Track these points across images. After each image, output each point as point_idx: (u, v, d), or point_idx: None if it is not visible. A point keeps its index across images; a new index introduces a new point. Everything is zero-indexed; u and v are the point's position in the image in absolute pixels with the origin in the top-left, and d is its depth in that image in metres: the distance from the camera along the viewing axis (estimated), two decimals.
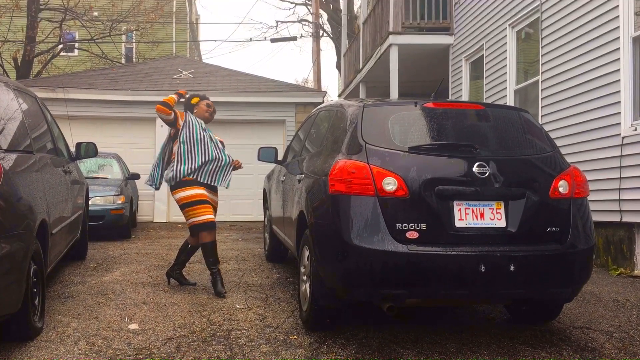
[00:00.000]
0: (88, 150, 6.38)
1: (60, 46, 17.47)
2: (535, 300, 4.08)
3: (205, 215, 5.08)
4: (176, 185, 5.11)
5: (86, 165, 10.13)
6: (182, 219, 13.19)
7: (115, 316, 4.41)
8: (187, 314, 4.48)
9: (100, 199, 9.17)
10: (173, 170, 5.13)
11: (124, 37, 21.06)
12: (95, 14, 17.82)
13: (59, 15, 16.26)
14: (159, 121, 13.21)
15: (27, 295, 3.63)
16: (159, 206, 13.17)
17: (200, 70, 15.65)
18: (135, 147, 13.15)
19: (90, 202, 7.98)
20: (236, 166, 5.42)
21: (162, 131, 13.21)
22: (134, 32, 19.31)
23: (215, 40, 36.97)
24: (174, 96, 5.35)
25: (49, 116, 5.76)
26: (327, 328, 4.05)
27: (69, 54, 20.46)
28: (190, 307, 4.71)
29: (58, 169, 5.21)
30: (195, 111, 5.43)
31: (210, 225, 5.13)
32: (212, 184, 5.22)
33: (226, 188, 5.36)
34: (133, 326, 4.15)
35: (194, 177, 5.11)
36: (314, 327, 4.05)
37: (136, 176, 10.87)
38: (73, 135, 9.71)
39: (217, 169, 5.22)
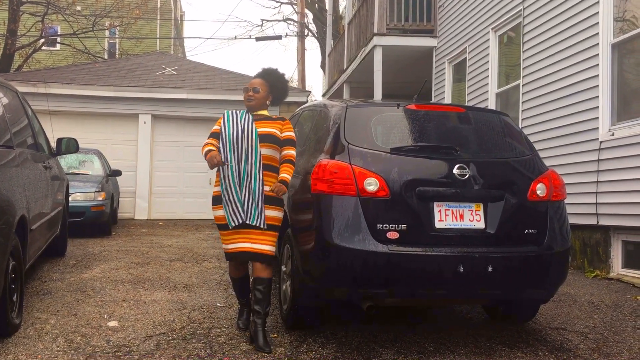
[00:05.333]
0: (69, 145, 6.33)
1: (42, 40, 17.27)
2: (513, 301, 4.14)
3: (229, 244, 3.83)
4: (211, 200, 3.94)
5: (67, 161, 10.03)
6: (164, 216, 13.30)
7: (95, 313, 4.39)
8: (167, 312, 4.48)
9: (81, 195, 9.09)
10: None
11: (107, 33, 20.89)
12: (78, 8, 17.66)
13: (41, 8, 16.07)
14: (141, 118, 13.19)
15: (4, 291, 3.60)
16: (140, 203, 13.09)
17: (184, 67, 15.58)
18: (117, 144, 13.07)
19: (70, 198, 7.92)
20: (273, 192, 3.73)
21: (145, 128, 13.20)
22: (118, 27, 19.16)
23: (199, 38, 36.81)
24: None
25: (30, 111, 5.71)
26: (307, 327, 4.08)
27: (51, 49, 20.26)
28: (171, 305, 4.71)
29: (38, 165, 5.17)
30: None
31: (234, 257, 3.86)
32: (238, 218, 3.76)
33: (258, 226, 3.75)
34: (112, 323, 4.13)
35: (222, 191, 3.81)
36: (294, 326, 4.07)
37: (117, 173, 10.79)
38: (54, 131, 9.62)
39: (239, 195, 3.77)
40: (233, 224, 3.73)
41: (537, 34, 7.95)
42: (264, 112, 4.01)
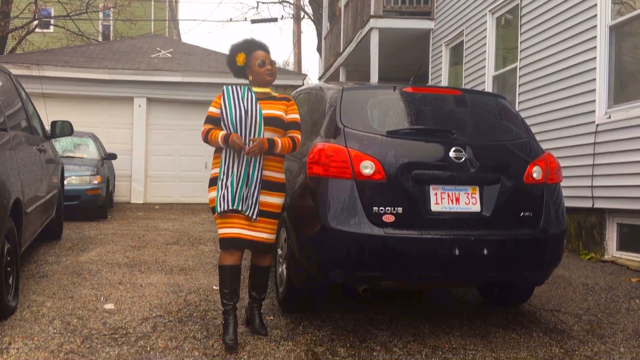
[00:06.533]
0: (63, 129, 6.30)
1: (36, 22, 17.08)
2: (508, 283, 4.16)
3: (224, 229, 3.49)
4: (209, 182, 3.63)
5: (61, 145, 9.99)
6: (160, 200, 13.29)
7: (91, 296, 4.39)
8: (164, 295, 4.49)
9: (76, 179, 9.06)
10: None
11: (100, 15, 20.67)
12: None
13: None
14: (136, 101, 13.12)
15: (0, 274, 3.60)
16: (136, 187, 13.07)
17: (179, 49, 15.46)
18: (112, 127, 13.01)
19: (65, 182, 7.89)
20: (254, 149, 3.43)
21: (140, 111, 13.13)
22: (111, 9, 18.96)
23: (194, 20, 36.55)
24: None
25: (24, 94, 5.66)
26: (303, 309, 4.09)
27: (45, 31, 20.02)
28: (167, 287, 4.71)
29: (33, 148, 5.14)
30: (250, 78, 3.67)
31: (228, 243, 3.51)
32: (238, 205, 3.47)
33: (253, 219, 3.50)
34: (109, 306, 4.14)
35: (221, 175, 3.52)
36: (290, 309, 4.09)
37: (113, 156, 10.75)
38: (48, 114, 9.55)
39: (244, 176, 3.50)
40: (219, 210, 3.45)
41: (535, 15, 7.91)
42: (268, 90, 3.68)
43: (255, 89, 3.62)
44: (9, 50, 17.08)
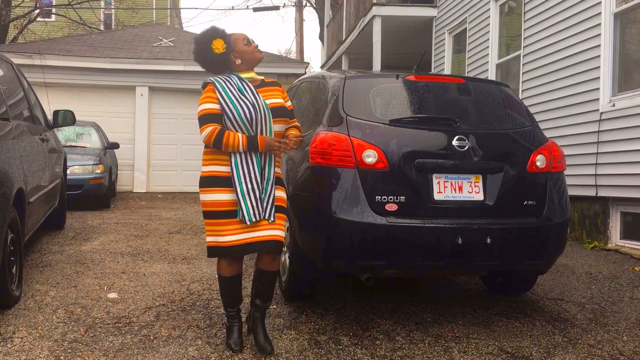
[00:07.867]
0: (66, 118, 6.29)
1: (37, 11, 17.05)
2: (511, 272, 4.16)
3: (224, 237, 3.10)
4: (200, 182, 3.39)
5: (64, 134, 9.98)
6: (162, 189, 13.30)
7: (94, 285, 4.41)
8: (167, 284, 4.50)
9: (79, 168, 9.06)
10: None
11: (102, 3, 20.61)
12: None
13: None
14: (138, 90, 13.09)
15: (4, 264, 3.61)
16: (139, 176, 13.08)
17: (181, 38, 15.39)
18: (114, 116, 12.99)
19: (68, 171, 7.90)
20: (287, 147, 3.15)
21: (142, 100, 13.10)
22: None
23: (196, 8, 36.48)
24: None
25: (26, 83, 5.65)
26: (305, 298, 4.10)
27: (46, 20, 19.98)
28: (170, 277, 4.72)
29: (35, 137, 5.14)
30: (238, 62, 3.27)
31: (230, 252, 3.14)
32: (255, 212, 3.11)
33: (271, 220, 3.13)
34: (112, 295, 4.16)
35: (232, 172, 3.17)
36: (292, 298, 4.09)
37: (115, 145, 10.75)
38: (50, 103, 9.56)
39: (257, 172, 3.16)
40: (254, 220, 3.06)
41: (539, 2, 7.84)
42: (254, 73, 3.31)
43: (243, 76, 3.24)
44: (10, 39, 17.04)
